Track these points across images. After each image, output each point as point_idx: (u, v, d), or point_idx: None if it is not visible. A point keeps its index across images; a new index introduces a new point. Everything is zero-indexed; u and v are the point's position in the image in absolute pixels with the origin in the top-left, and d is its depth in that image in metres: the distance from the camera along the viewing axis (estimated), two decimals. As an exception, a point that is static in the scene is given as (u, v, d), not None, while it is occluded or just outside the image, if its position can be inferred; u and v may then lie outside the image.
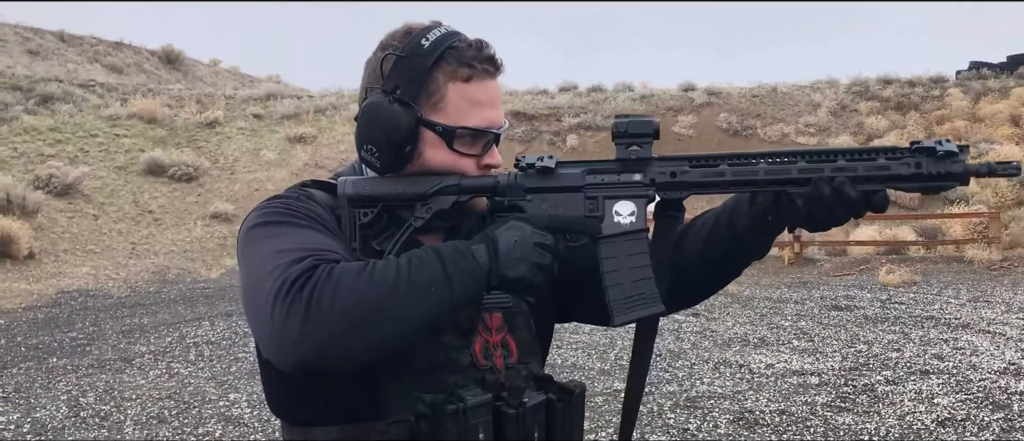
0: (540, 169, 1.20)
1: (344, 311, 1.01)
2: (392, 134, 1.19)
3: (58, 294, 11.53)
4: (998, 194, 16.62)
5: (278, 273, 1.04)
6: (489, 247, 1.12)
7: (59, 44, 29.70)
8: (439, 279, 1.07)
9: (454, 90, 1.21)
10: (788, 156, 1.18)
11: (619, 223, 1.19)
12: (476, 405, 1.13)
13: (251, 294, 1.09)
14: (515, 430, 1.16)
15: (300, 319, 1.00)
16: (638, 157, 1.20)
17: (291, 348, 1.02)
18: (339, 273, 1.04)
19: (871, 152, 1.17)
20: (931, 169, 1.15)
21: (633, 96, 23.30)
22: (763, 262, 14.24)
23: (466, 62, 1.21)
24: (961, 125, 19.91)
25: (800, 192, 1.16)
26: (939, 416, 5.41)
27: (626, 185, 1.20)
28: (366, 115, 1.21)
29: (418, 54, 1.20)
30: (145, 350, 7.91)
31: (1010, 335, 7.79)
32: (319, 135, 21.31)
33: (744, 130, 20.95)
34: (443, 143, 1.22)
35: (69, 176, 16.31)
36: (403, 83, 1.20)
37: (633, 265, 1.18)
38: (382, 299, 1.03)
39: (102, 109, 21.15)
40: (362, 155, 1.24)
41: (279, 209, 1.18)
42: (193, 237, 15.86)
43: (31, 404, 6.20)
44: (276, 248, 1.10)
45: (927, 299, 10.03)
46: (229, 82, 33.40)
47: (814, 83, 23.91)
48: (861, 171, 1.16)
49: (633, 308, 1.16)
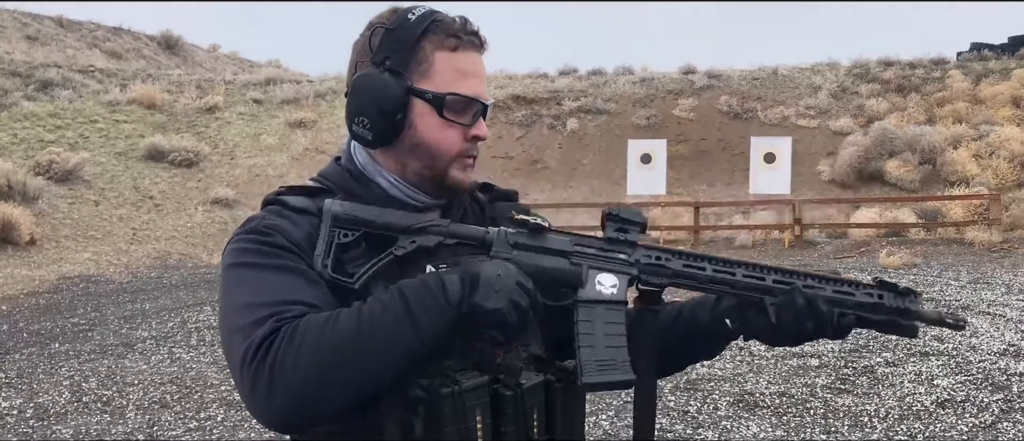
0: (532, 227, 1.22)
1: (306, 375, 1.05)
2: (384, 103, 1.22)
3: (59, 280, 11.56)
4: (998, 176, 16.61)
5: (242, 337, 1.09)
6: (465, 277, 1.13)
7: (58, 29, 29.61)
8: (403, 323, 1.08)
9: (442, 59, 1.24)
10: (763, 268, 1.24)
11: (600, 292, 1.20)
12: (472, 387, 1.12)
13: (224, 341, 1.17)
14: (514, 412, 1.15)
15: (265, 389, 1.06)
16: (625, 239, 1.23)
17: (262, 414, 1.09)
18: (301, 334, 1.06)
19: (837, 279, 1.25)
20: (891, 303, 1.24)
21: (633, 79, 23.23)
22: (764, 245, 14.26)
23: (452, 33, 1.24)
24: (962, 107, 19.85)
25: (774, 301, 1.21)
26: (939, 397, 5.43)
27: (611, 259, 1.22)
28: (357, 86, 1.24)
29: (405, 26, 1.23)
30: (147, 335, 7.93)
31: (1010, 317, 7.81)
32: (319, 120, 21.28)
33: (745, 113, 20.91)
34: (433, 111, 1.24)
35: (69, 162, 16.30)
36: (392, 54, 1.23)
37: (609, 332, 1.18)
38: (344, 356, 1.06)
39: (102, 95, 21.12)
40: (354, 130, 1.26)
41: (250, 245, 1.19)
42: (194, 223, 15.87)
43: (33, 389, 6.23)
44: (243, 300, 1.14)
45: (927, 281, 10.04)
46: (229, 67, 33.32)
47: (815, 65, 23.82)
48: (829, 292, 1.23)
49: (604, 372, 1.16)
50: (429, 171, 1.27)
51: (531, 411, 1.16)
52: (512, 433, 1.15)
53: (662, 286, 1.24)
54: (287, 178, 18.44)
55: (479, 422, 1.12)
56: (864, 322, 1.24)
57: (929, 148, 17.43)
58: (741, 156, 18.30)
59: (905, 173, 17.10)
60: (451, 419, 1.10)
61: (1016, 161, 16.97)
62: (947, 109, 19.92)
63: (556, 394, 1.19)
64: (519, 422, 1.15)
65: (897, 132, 18.04)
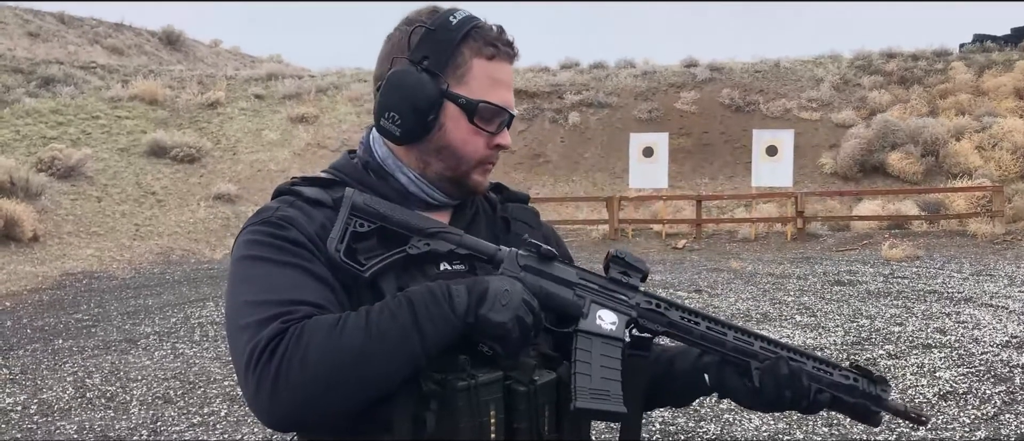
0: (543, 253, 1.23)
1: (312, 379, 1.06)
2: (419, 101, 1.23)
3: (63, 276, 11.58)
4: (1001, 167, 16.58)
5: (250, 334, 1.09)
6: (473, 289, 1.14)
7: (59, 26, 29.60)
8: (409, 332, 1.09)
9: (478, 66, 1.26)
10: (751, 335, 1.29)
11: (600, 326, 1.22)
12: (487, 382, 1.13)
13: (229, 336, 1.16)
14: (526, 408, 1.16)
15: (269, 390, 1.06)
16: (627, 282, 1.27)
17: (266, 415, 1.09)
18: (308, 336, 1.07)
19: (817, 357, 1.31)
20: (865, 388, 1.30)
21: (635, 72, 23.21)
22: (766, 237, 14.25)
23: (491, 41, 1.26)
24: (965, 99, 19.80)
25: (759, 366, 1.26)
26: (941, 390, 5.43)
27: (614, 298, 1.25)
28: (392, 82, 1.24)
29: (446, 29, 1.25)
30: (150, 331, 7.95)
31: (1012, 308, 7.80)
32: (321, 115, 21.28)
33: (747, 106, 20.88)
34: (464, 117, 1.26)
35: (72, 158, 16.33)
36: (431, 54, 1.24)
37: (604, 364, 1.20)
38: (350, 362, 1.07)
39: (103, 91, 21.13)
40: (382, 124, 1.26)
41: (263, 237, 1.19)
42: (196, 218, 15.89)
43: (37, 385, 6.25)
44: (250, 297, 1.14)
45: (930, 273, 10.03)
46: (230, 63, 33.30)
47: (817, 58, 23.78)
48: (809, 368, 1.29)
49: (597, 400, 1.17)
50: (451, 173, 1.29)
51: (543, 408, 1.18)
52: (524, 429, 1.16)
53: (656, 333, 1.27)
54: (289, 173, 18.45)
55: (493, 417, 1.14)
56: (837, 401, 1.30)
57: (932, 140, 17.40)
58: (743, 149, 18.27)
59: (908, 165, 17.07)
60: (466, 413, 1.11)
61: (1019, 153, 16.92)
62: (950, 101, 19.88)
63: (567, 391, 1.20)
64: (531, 418, 1.17)
65: (900, 124, 18.01)
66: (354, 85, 22.98)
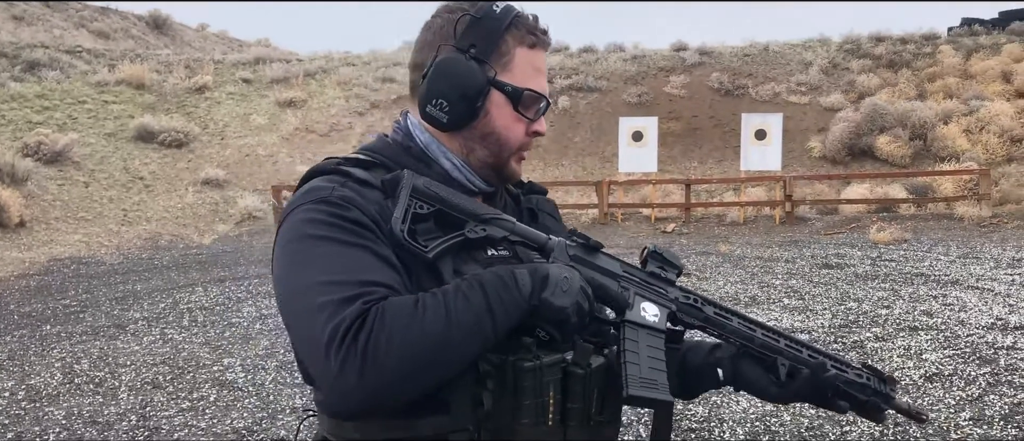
0: (591, 245, 1.28)
1: (400, 361, 1.06)
2: (468, 89, 1.26)
3: (50, 262, 11.53)
4: (988, 151, 16.67)
5: (329, 313, 1.08)
6: (535, 274, 1.17)
7: (44, 10, 29.32)
8: (484, 315, 1.12)
9: (521, 54, 1.30)
10: (778, 333, 1.35)
11: (644, 317, 1.26)
12: (551, 363, 1.16)
13: (295, 317, 1.14)
14: (581, 390, 1.20)
15: (357, 371, 1.05)
16: (665, 277, 1.32)
17: (347, 397, 1.08)
18: (392, 318, 1.07)
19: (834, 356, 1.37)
20: (877, 386, 1.36)
21: (625, 56, 23.18)
22: (755, 221, 14.29)
23: (531, 30, 1.31)
24: (953, 82, 19.87)
25: (785, 361, 1.32)
26: (927, 371, 5.47)
27: (656, 291, 1.30)
28: (441, 69, 1.26)
29: (492, 17, 1.28)
30: (139, 316, 7.93)
31: (998, 291, 7.86)
32: (309, 99, 21.19)
33: (736, 89, 20.90)
34: (509, 104, 1.30)
35: (58, 143, 16.22)
36: (477, 42, 1.27)
37: (651, 355, 1.23)
38: (435, 345, 1.08)
39: (90, 75, 20.97)
40: (428, 110, 1.28)
41: (325, 217, 1.17)
42: (185, 203, 15.83)
43: (25, 371, 6.23)
44: (324, 277, 1.12)
45: (917, 256, 10.09)
46: (217, 46, 33.10)
47: (806, 41, 23.81)
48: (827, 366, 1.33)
49: (647, 389, 1.20)
50: (493, 159, 1.33)
51: (593, 391, 1.21)
52: (577, 411, 1.20)
53: (692, 326, 1.32)
54: (277, 158, 18.39)
55: (552, 398, 1.17)
56: (849, 398, 1.35)
57: (920, 123, 17.47)
58: (732, 133, 18.30)
59: (896, 149, 17.14)
60: (530, 392, 1.15)
61: (1006, 136, 17.02)
62: (938, 84, 19.94)
63: (614, 377, 1.23)
64: (585, 399, 1.20)
65: (888, 108, 18.06)
66: (342, 69, 22.88)
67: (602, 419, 1.24)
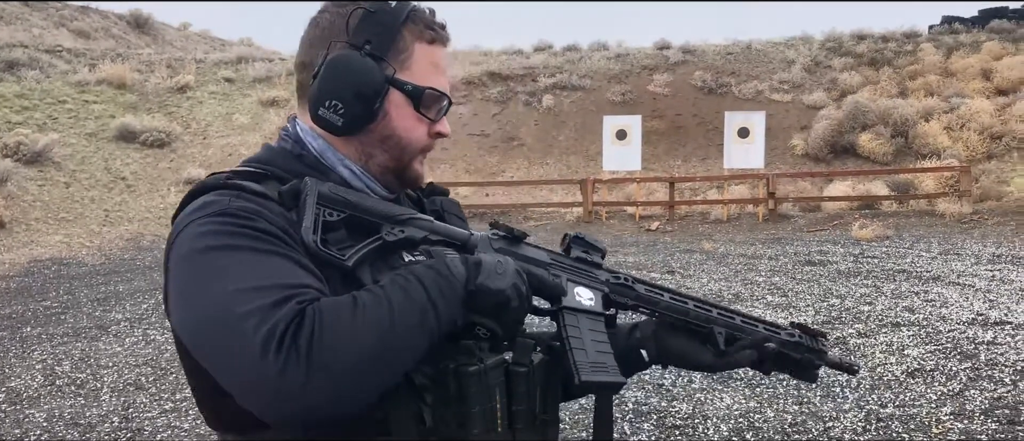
0: (514, 235, 1.22)
1: (347, 362, 0.97)
2: (363, 88, 1.16)
3: (30, 263, 11.42)
4: (969, 148, 16.79)
5: (258, 319, 0.97)
6: (466, 261, 1.11)
7: (23, 9, 29.04)
8: (427, 307, 1.04)
9: (420, 51, 1.21)
10: (708, 303, 1.34)
11: (581, 302, 1.23)
12: (494, 364, 1.11)
13: (218, 331, 0.99)
14: (525, 389, 1.14)
15: (302, 373, 0.95)
16: (592, 261, 1.29)
17: (290, 401, 0.96)
18: (332, 317, 0.98)
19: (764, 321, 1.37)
20: (809, 343, 1.36)
21: (608, 55, 23.22)
22: (738, 219, 14.35)
23: (429, 25, 1.22)
24: (933, 80, 20.02)
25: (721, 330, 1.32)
26: (909, 367, 5.51)
27: (587, 275, 1.27)
28: (333, 68, 1.16)
29: (386, 11, 1.19)
30: (121, 317, 7.87)
31: (978, 286, 7.93)
32: (292, 98, 21.03)
33: (719, 88, 20.97)
34: (410, 104, 1.21)
35: (38, 143, 16.06)
36: (374, 38, 1.18)
37: (595, 339, 1.20)
38: (382, 344, 1.00)
39: (70, 75, 20.78)
40: (320, 113, 1.18)
41: (230, 228, 1.06)
42: (167, 203, 15.72)
43: (5, 373, 6.17)
44: (242, 284, 1.00)
45: (899, 253, 10.16)
46: (199, 46, 32.90)
47: (788, 40, 23.93)
48: (761, 330, 1.35)
49: (598, 372, 1.16)
50: (394, 164, 1.24)
51: (536, 390, 1.17)
52: (523, 410, 1.14)
53: (625, 307, 1.29)
54: (261, 158, 18.28)
55: (498, 402, 1.11)
56: (783, 358, 1.34)
57: (901, 121, 17.58)
58: (715, 131, 18.37)
59: (878, 146, 17.25)
60: (477, 398, 1.08)
61: (986, 133, 17.16)
62: (919, 82, 20.09)
63: (550, 371, 1.20)
64: (530, 399, 1.15)
65: (870, 105, 18.18)
66: (326, 68, 22.75)
67: (546, 418, 1.20)
